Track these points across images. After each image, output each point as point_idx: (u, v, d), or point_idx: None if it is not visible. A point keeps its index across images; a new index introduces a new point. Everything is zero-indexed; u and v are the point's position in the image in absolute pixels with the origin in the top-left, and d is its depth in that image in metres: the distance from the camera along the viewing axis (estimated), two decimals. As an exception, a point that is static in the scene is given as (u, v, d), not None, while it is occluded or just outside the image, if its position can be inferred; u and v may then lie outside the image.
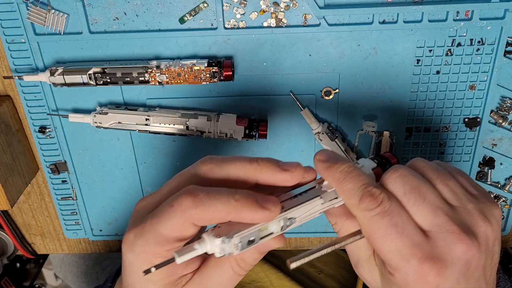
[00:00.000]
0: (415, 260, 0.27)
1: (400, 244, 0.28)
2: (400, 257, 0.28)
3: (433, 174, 0.31)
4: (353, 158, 0.48)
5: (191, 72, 0.44)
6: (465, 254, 0.28)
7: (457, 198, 0.30)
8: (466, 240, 0.28)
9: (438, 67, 0.45)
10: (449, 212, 0.29)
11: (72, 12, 0.44)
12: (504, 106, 0.47)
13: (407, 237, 0.28)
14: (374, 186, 0.29)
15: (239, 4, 0.43)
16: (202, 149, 0.51)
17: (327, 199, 0.31)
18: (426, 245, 0.28)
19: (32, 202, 0.57)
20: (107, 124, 0.47)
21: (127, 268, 0.31)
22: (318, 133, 0.47)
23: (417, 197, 0.29)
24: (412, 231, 0.28)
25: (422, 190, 0.29)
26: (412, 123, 0.48)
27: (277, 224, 0.30)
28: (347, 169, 0.30)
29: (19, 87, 0.48)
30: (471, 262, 0.28)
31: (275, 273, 0.61)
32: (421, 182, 0.29)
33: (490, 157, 0.50)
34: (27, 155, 0.52)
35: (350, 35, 0.44)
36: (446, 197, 0.30)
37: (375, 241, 0.29)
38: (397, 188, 0.29)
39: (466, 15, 0.43)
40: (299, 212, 0.30)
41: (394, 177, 0.30)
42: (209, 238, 0.28)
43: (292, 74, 0.46)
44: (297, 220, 0.31)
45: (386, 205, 0.28)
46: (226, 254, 0.28)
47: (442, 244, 0.28)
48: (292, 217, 0.30)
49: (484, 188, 0.32)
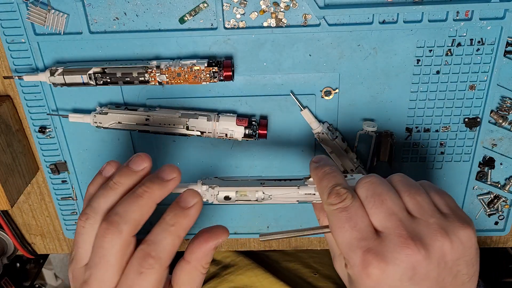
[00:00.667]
0: (360, 251, 0.31)
1: (350, 236, 0.32)
2: (349, 247, 0.32)
3: (403, 187, 0.34)
4: (353, 158, 0.48)
5: (191, 72, 0.44)
6: (407, 258, 0.30)
7: (420, 211, 0.33)
8: (411, 246, 0.30)
9: (438, 67, 0.45)
10: (404, 219, 0.32)
11: (72, 12, 0.44)
12: (504, 106, 0.47)
13: (358, 231, 0.32)
14: (343, 186, 0.34)
15: (239, 4, 0.43)
16: (202, 149, 0.51)
17: (304, 191, 0.38)
18: (373, 241, 0.31)
19: (32, 202, 0.57)
20: (107, 124, 0.47)
21: None
22: (318, 133, 0.47)
23: (376, 201, 0.33)
24: (363, 227, 0.32)
25: (383, 197, 0.33)
26: (412, 123, 0.48)
27: (254, 194, 0.38)
28: (328, 171, 0.36)
29: (19, 87, 0.48)
30: (416, 268, 0.30)
31: (268, 277, 0.61)
32: (385, 191, 0.33)
33: (490, 157, 0.50)
34: (27, 155, 0.52)
35: (350, 35, 0.44)
36: (410, 208, 0.33)
37: (333, 233, 0.33)
38: (362, 192, 0.34)
39: (466, 15, 0.43)
40: (276, 191, 0.38)
41: (363, 183, 0.34)
42: (199, 186, 0.38)
43: (292, 74, 0.46)
44: (273, 197, 0.39)
45: (347, 202, 0.33)
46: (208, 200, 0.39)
47: (389, 244, 0.31)
48: (270, 194, 0.38)
49: (462, 212, 0.34)
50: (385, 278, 0.31)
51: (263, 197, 0.39)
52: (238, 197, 0.39)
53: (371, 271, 0.31)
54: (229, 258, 0.66)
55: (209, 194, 0.39)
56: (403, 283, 0.30)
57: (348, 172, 0.49)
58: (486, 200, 0.53)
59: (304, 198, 0.39)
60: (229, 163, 0.51)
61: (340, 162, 0.48)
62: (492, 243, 0.57)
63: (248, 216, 0.55)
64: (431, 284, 0.31)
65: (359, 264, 0.31)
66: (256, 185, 0.39)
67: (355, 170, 0.48)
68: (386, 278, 0.31)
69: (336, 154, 0.48)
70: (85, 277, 0.33)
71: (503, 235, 0.55)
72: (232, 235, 0.56)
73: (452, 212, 0.34)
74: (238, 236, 0.56)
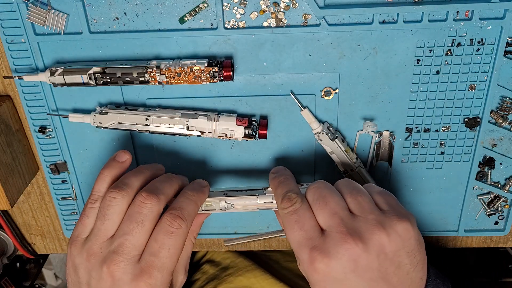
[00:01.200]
0: (307, 249, 0.35)
1: (299, 236, 0.36)
2: (298, 246, 0.36)
3: (346, 190, 0.38)
4: (353, 158, 0.48)
5: (191, 72, 0.44)
6: (347, 251, 0.34)
7: (360, 210, 0.36)
8: (350, 240, 0.34)
9: (438, 67, 0.45)
10: (345, 218, 0.36)
11: (72, 12, 0.44)
12: (504, 106, 0.47)
13: (305, 231, 0.36)
14: (294, 192, 0.38)
15: (239, 4, 0.43)
16: (202, 149, 0.51)
17: (263, 199, 0.44)
18: (319, 239, 0.35)
19: (32, 202, 0.57)
20: (107, 124, 0.47)
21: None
22: (318, 133, 0.47)
23: (321, 203, 0.37)
24: (310, 228, 0.36)
25: (327, 199, 0.37)
26: (412, 123, 0.48)
27: (218, 204, 0.44)
28: (282, 180, 0.41)
29: (19, 87, 0.48)
30: (357, 261, 0.34)
31: (267, 279, 0.61)
32: (329, 194, 0.37)
33: (490, 157, 0.50)
34: (27, 155, 0.52)
35: (350, 35, 0.44)
36: (351, 207, 0.37)
37: (286, 234, 0.37)
38: (310, 196, 0.38)
39: (466, 15, 0.43)
40: (237, 200, 0.44)
41: (311, 188, 0.39)
42: None
43: (292, 74, 0.46)
44: (236, 206, 0.44)
45: (296, 205, 0.37)
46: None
47: (331, 241, 0.34)
48: (232, 203, 0.44)
49: (402, 208, 0.38)
50: (330, 272, 0.34)
51: (226, 206, 0.44)
52: (204, 207, 0.44)
53: (317, 266, 0.34)
54: (228, 259, 0.66)
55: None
56: (347, 275, 0.34)
57: (348, 172, 0.49)
58: (486, 200, 0.53)
59: (264, 206, 0.44)
60: (229, 163, 0.51)
61: (340, 162, 0.48)
62: (492, 243, 0.57)
63: (248, 216, 0.55)
64: (374, 275, 0.34)
65: (307, 260, 0.35)
66: (219, 196, 0.45)
67: (356, 169, 0.48)
68: (331, 271, 0.34)
69: (336, 154, 0.48)
70: (112, 248, 0.37)
71: (503, 235, 0.55)
72: (232, 235, 0.56)
73: (391, 208, 0.37)
74: (238, 236, 0.56)
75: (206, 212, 0.45)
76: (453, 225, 0.54)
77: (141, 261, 0.37)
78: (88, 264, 0.37)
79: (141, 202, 0.38)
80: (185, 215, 0.38)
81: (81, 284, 0.38)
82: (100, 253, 0.37)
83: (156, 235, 0.37)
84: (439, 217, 0.54)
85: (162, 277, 0.37)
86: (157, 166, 0.45)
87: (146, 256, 0.37)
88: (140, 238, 0.37)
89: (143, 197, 0.38)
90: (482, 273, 0.93)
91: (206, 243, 0.59)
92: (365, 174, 0.49)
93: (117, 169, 0.42)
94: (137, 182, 0.40)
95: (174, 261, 0.38)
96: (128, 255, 0.36)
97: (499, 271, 0.91)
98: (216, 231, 0.56)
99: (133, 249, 0.37)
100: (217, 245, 0.59)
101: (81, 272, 0.38)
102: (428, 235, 0.55)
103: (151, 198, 0.38)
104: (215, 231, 0.56)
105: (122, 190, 0.38)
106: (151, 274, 0.36)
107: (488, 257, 0.91)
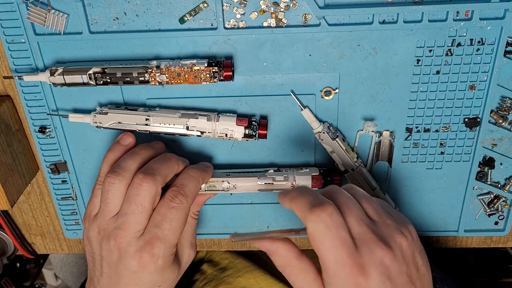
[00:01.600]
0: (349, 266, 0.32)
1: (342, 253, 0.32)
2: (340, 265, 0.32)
3: (360, 195, 0.37)
4: (354, 157, 0.48)
5: (191, 72, 0.44)
6: (383, 258, 0.32)
7: (378, 215, 0.35)
8: (382, 246, 0.33)
9: (438, 67, 0.45)
10: (369, 224, 0.34)
11: (72, 12, 0.44)
12: (504, 106, 0.47)
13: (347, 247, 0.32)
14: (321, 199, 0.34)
15: (239, 4, 0.43)
16: (202, 149, 0.51)
17: (263, 181, 0.47)
18: (356, 252, 0.32)
19: (32, 202, 0.57)
20: (107, 124, 0.47)
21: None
22: (319, 132, 0.47)
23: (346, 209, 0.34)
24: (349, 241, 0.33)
25: (349, 205, 0.35)
26: (412, 123, 0.48)
27: (221, 184, 0.47)
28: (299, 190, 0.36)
29: (19, 87, 0.48)
30: (390, 267, 0.32)
31: (267, 279, 0.61)
32: (349, 199, 0.35)
33: (490, 157, 0.50)
34: (27, 155, 0.52)
35: (350, 35, 0.44)
36: (369, 213, 0.36)
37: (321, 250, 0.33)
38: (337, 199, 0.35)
39: (466, 15, 0.43)
40: (239, 181, 0.47)
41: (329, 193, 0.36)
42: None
43: (292, 74, 0.46)
44: (237, 187, 0.47)
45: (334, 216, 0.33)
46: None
47: (366, 251, 0.32)
48: (234, 184, 0.47)
49: (398, 211, 0.38)
50: (369, 284, 0.32)
51: (228, 186, 0.47)
52: (207, 187, 0.47)
53: (358, 281, 0.32)
54: (227, 260, 0.66)
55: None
56: (385, 284, 0.32)
57: (348, 171, 0.49)
58: (486, 200, 0.53)
59: (264, 187, 0.47)
60: (229, 163, 0.51)
61: (340, 162, 0.48)
62: (492, 243, 0.57)
63: (248, 216, 0.55)
64: (404, 279, 0.33)
65: (347, 276, 0.32)
66: (222, 176, 0.47)
67: (356, 169, 0.48)
68: (371, 283, 0.32)
69: (337, 153, 0.48)
70: (117, 224, 0.40)
71: (503, 235, 0.55)
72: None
73: (394, 212, 0.37)
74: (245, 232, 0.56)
75: (209, 192, 0.47)
76: (453, 225, 0.54)
77: (145, 233, 0.40)
78: (99, 237, 0.41)
79: (138, 184, 0.39)
80: (186, 191, 0.41)
81: (95, 254, 0.42)
82: (107, 228, 0.40)
83: (159, 209, 0.40)
84: (439, 217, 0.54)
85: (165, 248, 0.40)
86: (156, 145, 0.46)
87: (149, 227, 0.40)
88: (142, 217, 0.40)
89: (140, 179, 0.39)
90: (482, 273, 0.93)
91: (206, 243, 0.59)
92: (366, 173, 0.49)
93: (121, 151, 0.44)
94: (133, 164, 0.41)
95: (176, 234, 0.40)
96: (132, 230, 0.39)
97: (499, 271, 0.91)
98: (216, 231, 0.56)
99: (136, 225, 0.40)
100: (217, 245, 0.59)
101: (94, 244, 0.42)
102: (428, 235, 0.55)
103: (147, 180, 0.39)
104: (215, 231, 0.56)
105: (119, 175, 0.40)
106: (154, 245, 0.39)
107: (488, 257, 0.91)
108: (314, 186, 0.48)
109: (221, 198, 0.54)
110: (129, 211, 0.39)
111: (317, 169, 0.49)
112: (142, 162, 0.42)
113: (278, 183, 0.48)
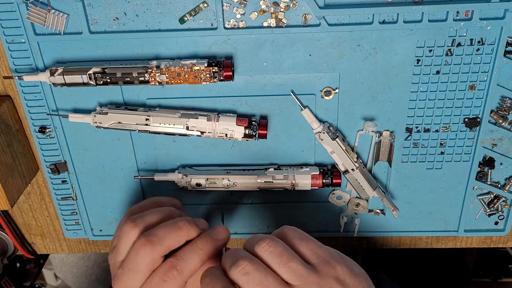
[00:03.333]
0: None
1: None
2: None
3: (296, 237, 0.36)
4: (354, 157, 0.48)
5: (191, 72, 0.44)
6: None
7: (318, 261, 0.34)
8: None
9: (438, 67, 0.45)
10: (309, 272, 0.33)
11: (72, 12, 0.44)
12: (504, 106, 0.47)
13: None
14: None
15: (239, 4, 0.43)
16: (202, 149, 0.51)
17: (263, 179, 0.48)
18: None
19: (32, 202, 0.57)
20: (107, 124, 0.47)
21: None
22: (319, 133, 0.47)
23: (281, 262, 0.34)
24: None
25: (285, 255, 0.34)
26: (412, 123, 0.48)
27: (221, 181, 0.48)
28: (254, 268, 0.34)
29: (19, 87, 0.48)
30: None
31: None
32: (286, 249, 0.34)
33: (490, 157, 0.50)
34: (27, 155, 0.52)
35: (350, 35, 0.44)
36: (306, 259, 0.35)
37: None
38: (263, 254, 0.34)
39: (466, 15, 0.43)
40: (239, 179, 0.48)
41: (261, 247, 0.35)
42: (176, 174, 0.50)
43: (292, 74, 0.46)
44: (237, 184, 0.48)
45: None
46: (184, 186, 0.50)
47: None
48: (234, 181, 0.48)
49: (326, 250, 0.36)
50: None
51: (229, 184, 0.48)
52: (208, 184, 0.48)
53: None
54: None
55: (184, 181, 0.49)
56: None
57: (348, 171, 0.49)
58: (486, 200, 0.53)
59: (264, 185, 0.48)
60: (229, 163, 0.51)
61: (341, 162, 0.48)
62: (492, 243, 0.57)
63: (248, 216, 0.55)
64: None
65: None
66: (223, 174, 0.48)
67: (356, 169, 0.48)
68: None
69: (337, 153, 0.48)
70: (118, 272, 0.39)
71: (503, 235, 0.55)
72: (232, 235, 0.56)
73: (325, 254, 0.35)
74: (238, 236, 0.56)
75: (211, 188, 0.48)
76: (453, 225, 0.54)
77: None
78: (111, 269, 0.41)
79: (137, 247, 0.38)
80: (182, 268, 0.38)
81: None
82: (114, 267, 0.40)
83: (153, 278, 0.38)
84: (439, 217, 0.54)
85: None
86: (173, 202, 0.44)
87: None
88: (135, 278, 0.38)
89: (139, 243, 0.38)
90: (482, 273, 0.93)
91: (206, 243, 0.59)
92: (366, 173, 0.49)
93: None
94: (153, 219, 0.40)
95: None
96: (126, 285, 0.39)
97: (499, 271, 0.91)
98: (216, 231, 0.56)
99: (131, 283, 0.38)
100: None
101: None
102: (428, 235, 0.55)
103: (145, 247, 0.38)
104: (215, 231, 0.56)
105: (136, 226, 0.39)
106: None
107: (488, 257, 0.91)
108: (314, 185, 0.49)
109: (221, 198, 0.54)
110: (126, 266, 0.39)
111: (317, 168, 0.49)
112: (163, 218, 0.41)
113: (278, 181, 0.48)
